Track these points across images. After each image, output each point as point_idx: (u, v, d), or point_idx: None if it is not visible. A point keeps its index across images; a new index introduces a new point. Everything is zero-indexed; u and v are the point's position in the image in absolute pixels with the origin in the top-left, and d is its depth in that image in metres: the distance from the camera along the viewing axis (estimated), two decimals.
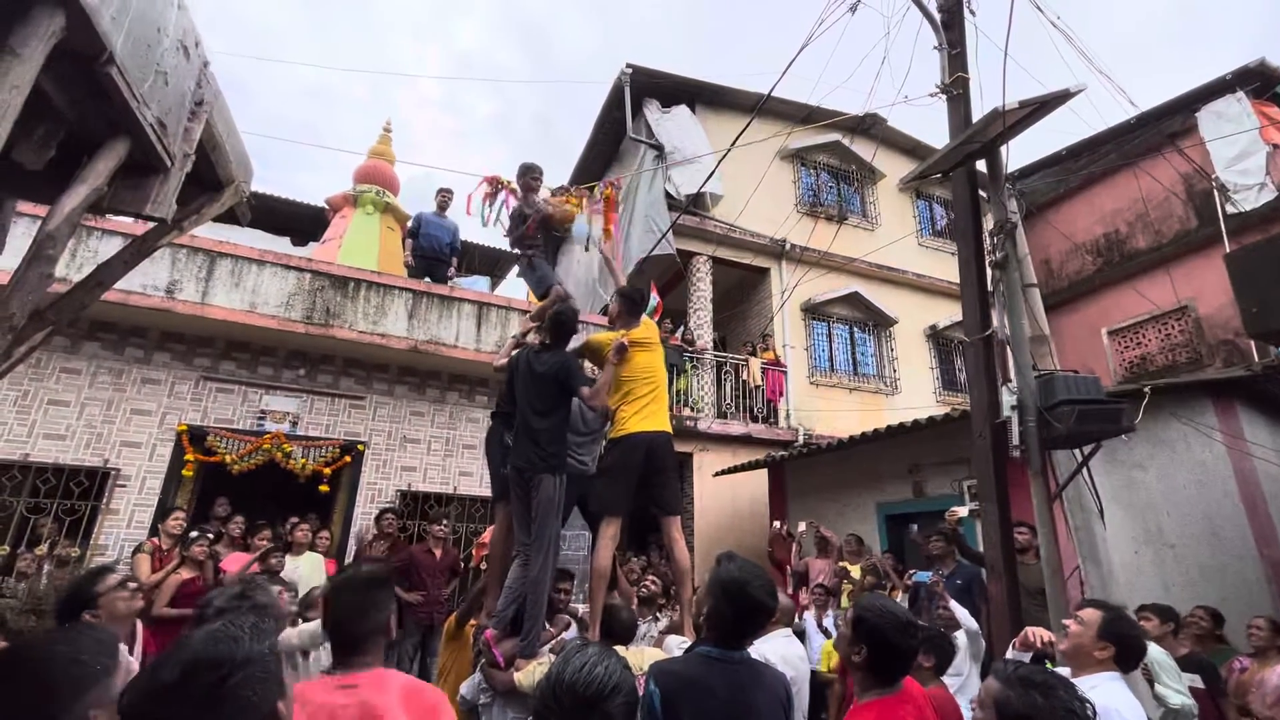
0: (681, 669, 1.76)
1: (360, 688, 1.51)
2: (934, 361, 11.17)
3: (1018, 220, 3.65)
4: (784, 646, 2.68)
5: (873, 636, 1.80)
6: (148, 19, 1.82)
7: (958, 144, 3.72)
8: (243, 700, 0.89)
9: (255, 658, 0.92)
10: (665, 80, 10.25)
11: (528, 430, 3.19)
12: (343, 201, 9.38)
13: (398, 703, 1.50)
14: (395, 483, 6.73)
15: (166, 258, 5.65)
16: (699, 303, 9.78)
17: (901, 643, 1.80)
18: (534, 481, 3.08)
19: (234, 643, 0.92)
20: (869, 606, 1.87)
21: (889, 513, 6.69)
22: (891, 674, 1.81)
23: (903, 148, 11.90)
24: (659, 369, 3.52)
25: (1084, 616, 2.19)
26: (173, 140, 2.07)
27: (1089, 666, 2.11)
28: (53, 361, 5.69)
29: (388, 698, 1.51)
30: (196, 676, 0.87)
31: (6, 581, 5.05)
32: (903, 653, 1.82)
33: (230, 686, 0.88)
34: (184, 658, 0.89)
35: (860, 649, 1.81)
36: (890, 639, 1.79)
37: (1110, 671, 2.07)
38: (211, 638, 0.92)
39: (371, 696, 1.50)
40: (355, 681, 1.53)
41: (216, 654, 0.90)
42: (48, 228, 1.63)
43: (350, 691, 1.50)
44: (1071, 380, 3.17)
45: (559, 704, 1.20)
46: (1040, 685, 1.38)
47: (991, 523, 3.40)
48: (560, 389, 3.22)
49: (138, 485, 5.78)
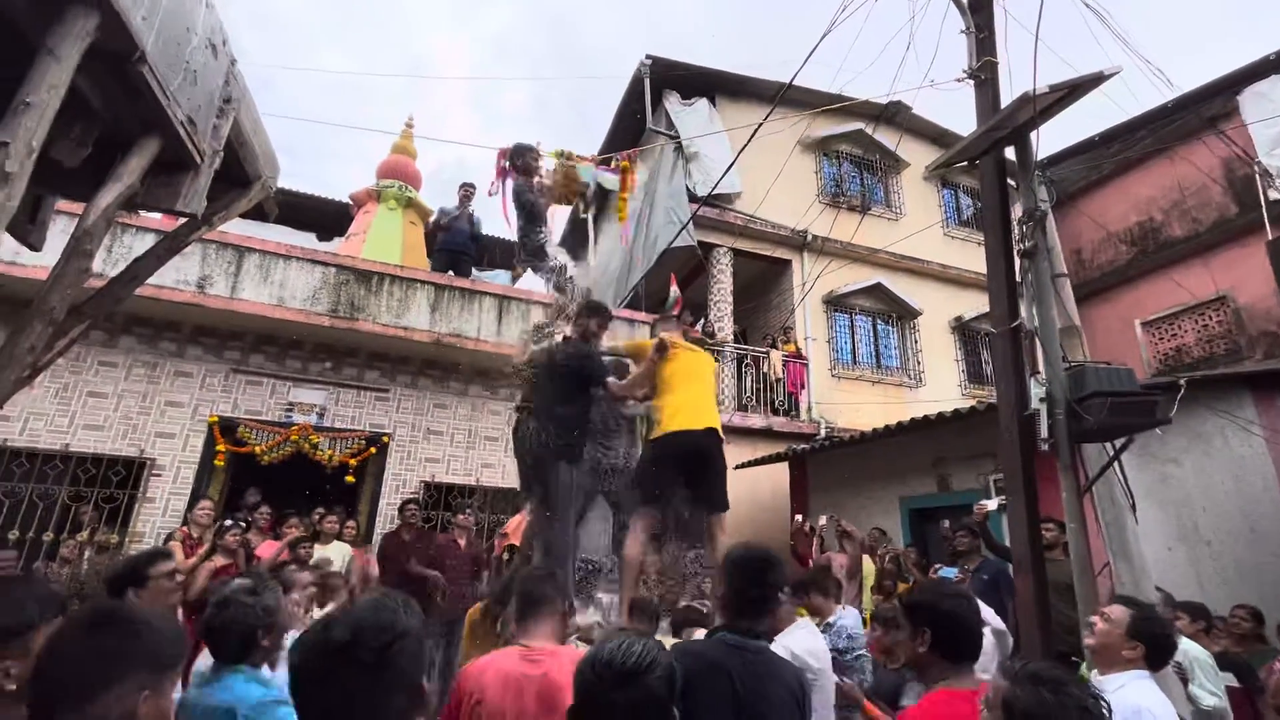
0: (701, 650, 1.76)
1: (544, 662, 1.77)
2: (959, 354, 10.98)
3: (1048, 208, 3.56)
4: (806, 640, 2.64)
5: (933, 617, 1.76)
6: (177, 18, 1.85)
7: (985, 130, 3.63)
8: (400, 668, 0.95)
9: (411, 631, 0.98)
10: (685, 71, 10.17)
11: (547, 418, 3.24)
12: (366, 197, 9.51)
13: (569, 680, 1.62)
14: (419, 474, 6.83)
15: (197, 253, 5.78)
16: (720, 295, 9.73)
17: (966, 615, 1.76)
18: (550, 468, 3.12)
19: (394, 614, 0.98)
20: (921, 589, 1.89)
21: (913, 507, 6.62)
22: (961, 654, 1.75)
23: (928, 136, 11.67)
24: (706, 370, 3.49)
25: (1112, 614, 2.15)
26: (202, 137, 2.11)
27: (1117, 665, 2.07)
28: (91, 355, 5.87)
29: (567, 674, 1.64)
30: (364, 640, 0.93)
31: (50, 567, 5.24)
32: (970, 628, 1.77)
33: (392, 654, 0.94)
34: (353, 621, 0.96)
35: (924, 634, 1.75)
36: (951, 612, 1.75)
37: (1139, 670, 2.03)
38: (375, 606, 0.99)
39: (553, 671, 1.74)
40: (540, 656, 1.79)
41: (380, 621, 0.96)
42: (84, 224, 1.68)
43: (537, 664, 1.76)
44: (1103, 372, 3.09)
45: (600, 680, 1.22)
46: (1050, 681, 1.32)
47: (1019, 518, 3.34)
48: (578, 381, 3.24)
49: (172, 475, 5.95)
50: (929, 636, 1.74)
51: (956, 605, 1.77)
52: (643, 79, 10.01)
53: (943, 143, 11.61)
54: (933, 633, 1.74)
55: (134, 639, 1.03)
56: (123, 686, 0.97)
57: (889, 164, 11.48)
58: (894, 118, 10.83)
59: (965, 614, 1.76)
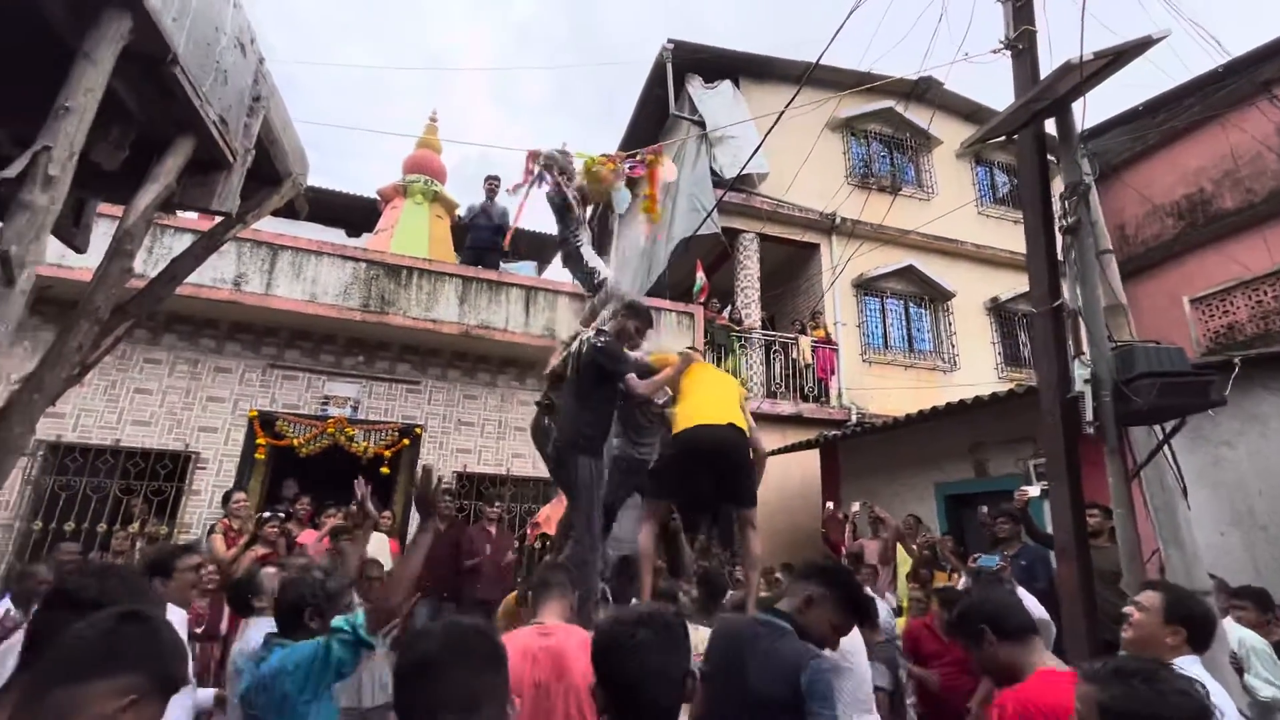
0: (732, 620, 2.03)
1: (553, 635, 2.04)
2: (995, 336, 10.69)
3: (1091, 182, 3.41)
4: None
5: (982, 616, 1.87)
6: (207, 18, 1.87)
7: (1024, 102, 3.49)
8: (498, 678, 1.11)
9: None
10: (708, 54, 10.01)
11: (567, 412, 3.25)
12: (393, 192, 9.62)
13: (578, 647, 1.95)
14: (451, 464, 6.93)
15: (232, 251, 5.92)
16: (746, 281, 9.62)
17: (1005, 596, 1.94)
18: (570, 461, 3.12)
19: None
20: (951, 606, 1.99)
21: (948, 493, 6.49)
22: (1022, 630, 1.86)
23: (961, 112, 11.32)
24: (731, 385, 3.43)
25: (1145, 602, 2.05)
26: (234, 136, 2.14)
27: (1162, 654, 1.96)
28: (136, 353, 6.08)
29: (572, 643, 2.00)
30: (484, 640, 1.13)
31: (105, 557, 5.47)
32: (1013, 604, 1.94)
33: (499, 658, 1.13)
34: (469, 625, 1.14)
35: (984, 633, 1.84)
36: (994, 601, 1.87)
37: (1187, 655, 1.94)
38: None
39: (561, 642, 2.00)
40: (551, 631, 2.07)
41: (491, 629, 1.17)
42: (125, 225, 1.71)
43: (547, 638, 2.03)
44: (1152, 351, 2.96)
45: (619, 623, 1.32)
46: (1140, 674, 1.24)
47: (1062, 504, 3.24)
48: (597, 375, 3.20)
49: (215, 467, 6.15)
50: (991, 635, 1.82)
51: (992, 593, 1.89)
52: (665, 63, 9.89)
53: (976, 119, 11.24)
54: (991, 628, 1.81)
55: (151, 643, 1.03)
56: (115, 681, 0.95)
57: (920, 142, 11.17)
58: (925, 94, 10.52)
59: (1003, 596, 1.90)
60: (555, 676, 1.94)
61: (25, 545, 5.45)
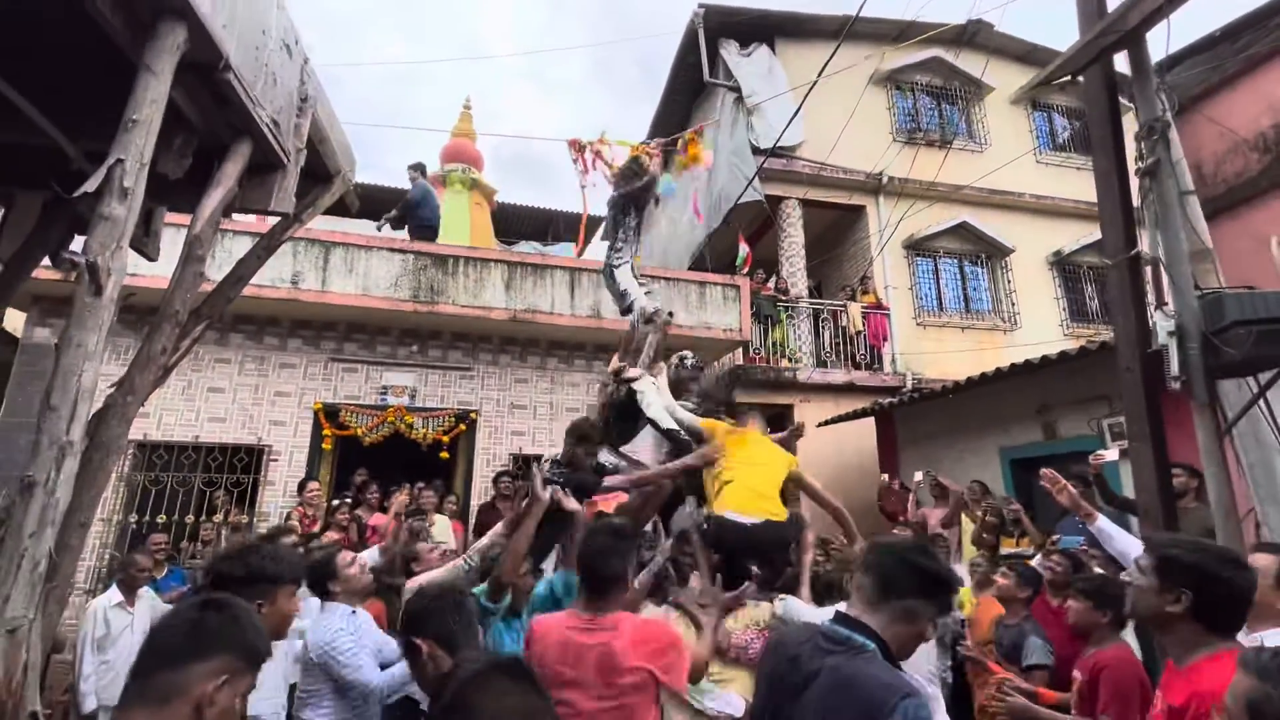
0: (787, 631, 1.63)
1: (603, 631, 1.81)
2: (1059, 291, 10.16)
3: (1170, 119, 3.16)
4: None
5: (1199, 580, 1.51)
6: (253, 22, 1.90)
7: (1093, 37, 3.24)
8: None
9: None
10: (741, 16, 9.69)
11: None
12: (433, 182, 9.75)
13: (630, 645, 1.78)
14: (507, 447, 7.09)
15: (288, 251, 6.13)
16: (790, 249, 9.40)
17: (1235, 578, 1.50)
18: None
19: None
20: (1175, 543, 1.62)
21: (1014, 457, 6.25)
22: (1230, 625, 1.54)
23: (1014, 55, 10.65)
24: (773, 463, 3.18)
25: (1257, 564, 1.93)
26: (286, 137, 2.18)
27: (1271, 618, 1.88)
28: (207, 354, 6.40)
29: (624, 641, 1.79)
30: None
31: (194, 546, 5.86)
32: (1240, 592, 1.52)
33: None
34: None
35: (1183, 594, 1.51)
36: (1218, 574, 1.49)
37: None
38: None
39: (613, 640, 1.78)
40: (599, 625, 1.82)
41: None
42: (194, 231, 1.78)
43: (595, 634, 1.80)
44: (1245, 298, 2.74)
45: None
46: None
47: (1145, 464, 3.06)
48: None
49: (287, 459, 6.46)
50: (1190, 600, 1.51)
51: (1237, 574, 1.51)
52: (696, 29, 9.62)
53: (1031, 60, 10.58)
54: (1195, 597, 1.51)
55: (233, 626, 1.11)
56: (209, 664, 1.04)
57: (970, 91, 10.59)
58: (974, 38, 9.95)
59: (1246, 582, 1.51)
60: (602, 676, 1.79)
61: (123, 538, 5.87)
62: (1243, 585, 1.52)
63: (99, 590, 5.05)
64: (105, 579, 5.36)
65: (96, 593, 5.00)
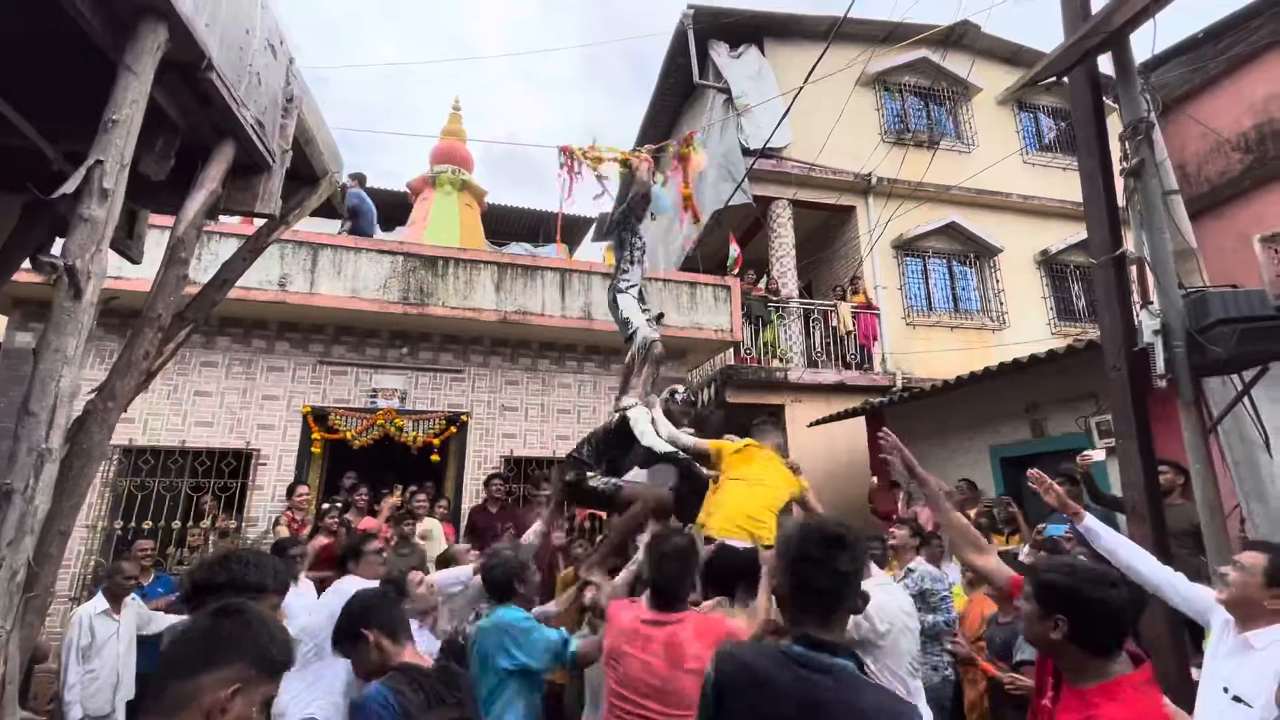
0: (748, 659, 1.35)
1: (670, 626, 2.04)
2: (1047, 290, 10.25)
3: (1154, 120, 3.19)
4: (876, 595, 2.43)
5: (1073, 604, 1.49)
6: (237, 22, 1.88)
7: (1077, 38, 3.27)
8: None
9: None
10: (730, 17, 9.71)
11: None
12: (422, 184, 9.70)
13: (694, 637, 2.00)
14: (499, 449, 7.05)
15: (275, 253, 6.07)
16: (781, 249, 9.42)
17: (1108, 600, 1.48)
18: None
19: None
20: (1051, 567, 1.62)
21: (1004, 455, 6.30)
22: (1108, 648, 1.50)
23: (1000, 56, 10.74)
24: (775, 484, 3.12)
25: (1246, 562, 1.95)
26: (271, 138, 2.16)
27: (1261, 618, 1.88)
28: (194, 357, 6.33)
29: (688, 633, 2.02)
30: None
31: (181, 552, 5.79)
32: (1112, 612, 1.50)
33: None
34: None
35: (1059, 621, 1.51)
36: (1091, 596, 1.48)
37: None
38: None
39: (679, 632, 2.02)
40: (669, 620, 2.06)
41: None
42: (177, 233, 1.75)
43: (663, 628, 2.04)
44: (1228, 297, 2.78)
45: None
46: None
47: (1132, 461, 3.09)
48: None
49: (275, 463, 6.40)
50: (1066, 626, 1.50)
51: (1106, 593, 1.48)
52: (686, 30, 9.63)
53: (1017, 62, 10.67)
54: (1072, 622, 1.50)
55: (246, 632, 1.09)
56: (221, 672, 1.02)
57: (958, 92, 10.67)
58: (961, 40, 10.02)
59: (1115, 601, 1.48)
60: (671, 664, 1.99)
61: (108, 544, 5.79)
62: (1115, 606, 1.50)
63: (84, 598, 4.98)
64: (90, 586, 5.28)
65: (81, 600, 4.93)
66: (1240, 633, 1.94)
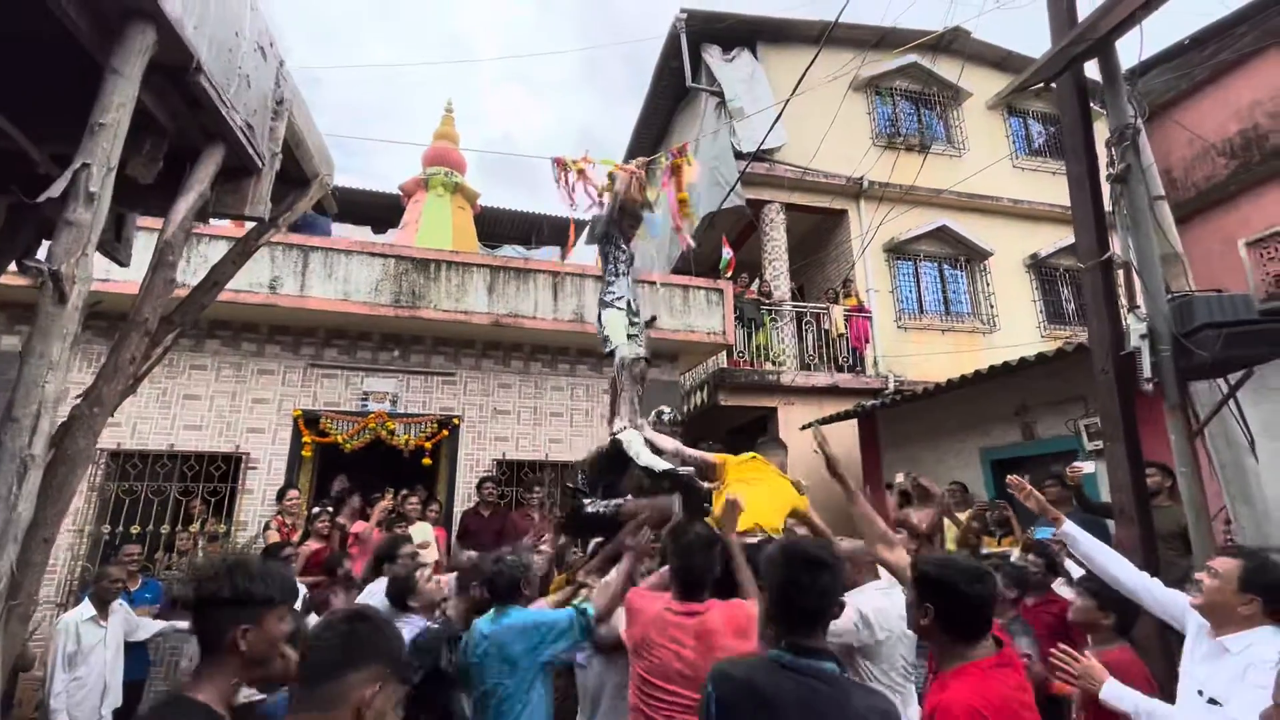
0: (743, 675, 1.47)
1: (699, 615, 2.11)
2: (1036, 294, 10.33)
3: (1141, 126, 3.23)
4: (877, 599, 2.43)
5: (939, 593, 1.61)
6: (226, 24, 1.87)
7: (1064, 45, 3.31)
8: None
9: None
10: (723, 21, 9.75)
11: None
12: (415, 186, 9.67)
13: (723, 625, 2.08)
14: (491, 452, 7.03)
15: (266, 255, 6.03)
16: (773, 253, 9.45)
17: (970, 591, 1.59)
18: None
19: None
20: (928, 560, 1.73)
21: (995, 458, 6.33)
22: (971, 635, 1.61)
23: (990, 61, 10.84)
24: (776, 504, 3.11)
25: (1219, 568, 1.98)
26: (261, 141, 2.15)
27: (1234, 623, 1.91)
28: (183, 360, 6.27)
29: (717, 621, 2.09)
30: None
31: (170, 557, 5.73)
32: (979, 611, 1.61)
33: None
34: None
35: (927, 609, 1.63)
36: (955, 587, 1.59)
37: (1264, 626, 1.87)
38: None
39: (708, 621, 2.09)
40: (697, 610, 2.13)
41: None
42: (165, 236, 1.74)
43: (693, 618, 2.11)
44: (1214, 301, 2.81)
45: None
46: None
47: (1119, 464, 3.12)
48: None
49: (266, 467, 6.35)
50: (933, 613, 1.62)
51: (970, 586, 1.58)
52: (679, 34, 9.67)
53: (1007, 66, 10.77)
54: (937, 610, 1.62)
55: (379, 635, 1.21)
56: (363, 673, 1.14)
57: (948, 96, 10.75)
58: (951, 45, 10.09)
59: (977, 595, 1.58)
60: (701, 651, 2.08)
61: (95, 549, 5.72)
62: (977, 597, 1.59)
63: (70, 604, 4.92)
64: (77, 592, 5.22)
65: (68, 606, 4.87)
66: (1215, 637, 1.97)
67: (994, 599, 1.67)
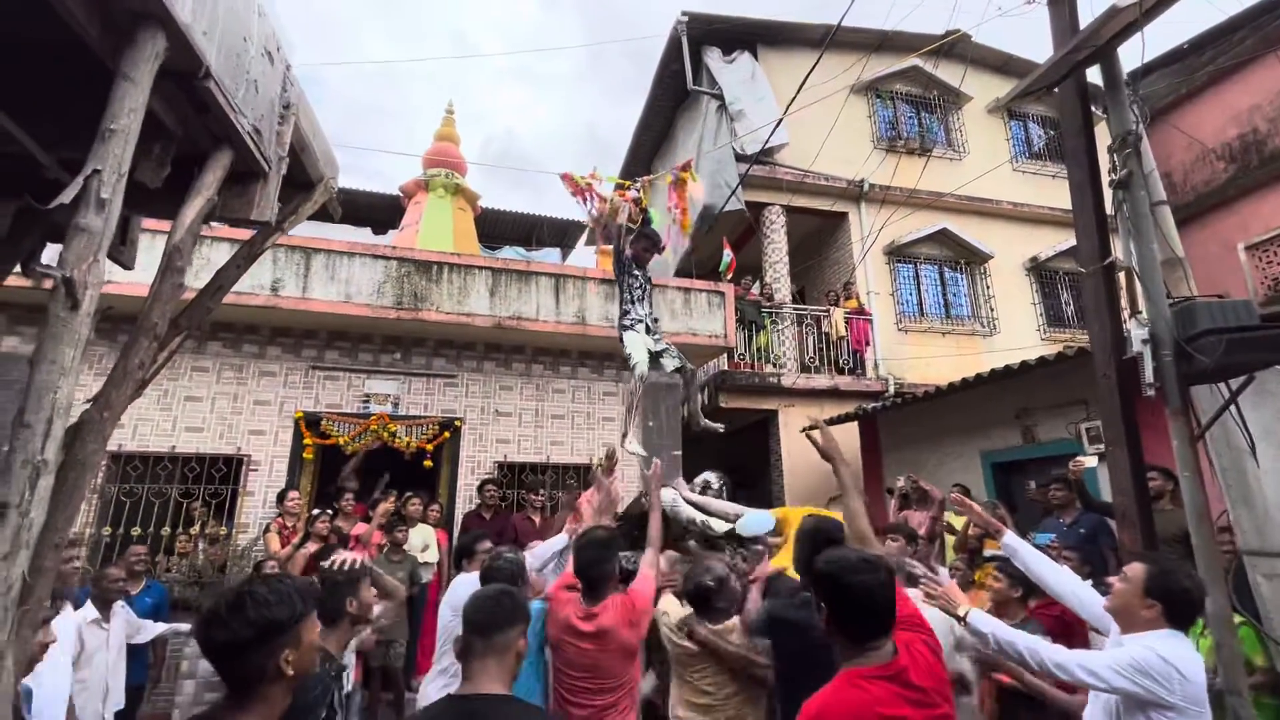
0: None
1: (595, 617, 2.45)
2: (1036, 297, 10.35)
3: (1142, 131, 3.24)
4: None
5: (832, 592, 1.52)
6: (235, 29, 1.88)
7: (1066, 52, 3.32)
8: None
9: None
10: (724, 24, 9.77)
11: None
12: (415, 187, 9.69)
13: (616, 622, 2.43)
14: (492, 455, 7.04)
15: (268, 257, 6.04)
16: (774, 255, 9.46)
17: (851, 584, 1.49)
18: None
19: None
20: (827, 557, 1.60)
21: (995, 461, 6.34)
22: (863, 634, 1.50)
23: (991, 65, 10.85)
24: None
25: (1129, 573, 2.05)
26: (268, 145, 2.15)
27: (1138, 625, 1.98)
28: (185, 362, 6.28)
29: (610, 620, 2.44)
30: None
31: (170, 559, 5.72)
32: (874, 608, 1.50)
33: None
34: None
35: (821, 605, 1.55)
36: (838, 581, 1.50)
37: (1165, 629, 1.93)
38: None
39: (603, 621, 2.44)
40: (594, 612, 2.47)
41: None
42: (173, 240, 1.75)
43: (591, 621, 2.45)
44: (1215, 307, 2.82)
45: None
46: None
47: (1121, 468, 3.13)
48: None
49: (267, 469, 6.35)
50: (825, 612, 1.54)
51: (860, 580, 1.48)
52: (680, 37, 9.68)
53: (1008, 70, 10.80)
54: (830, 609, 1.53)
55: (517, 601, 1.74)
56: (518, 628, 1.65)
57: (949, 100, 10.78)
58: (952, 49, 10.11)
59: (871, 589, 1.48)
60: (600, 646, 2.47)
61: (96, 551, 5.72)
62: (860, 586, 1.48)
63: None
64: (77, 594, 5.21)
65: None
66: (1119, 637, 2.06)
67: (885, 593, 1.50)
